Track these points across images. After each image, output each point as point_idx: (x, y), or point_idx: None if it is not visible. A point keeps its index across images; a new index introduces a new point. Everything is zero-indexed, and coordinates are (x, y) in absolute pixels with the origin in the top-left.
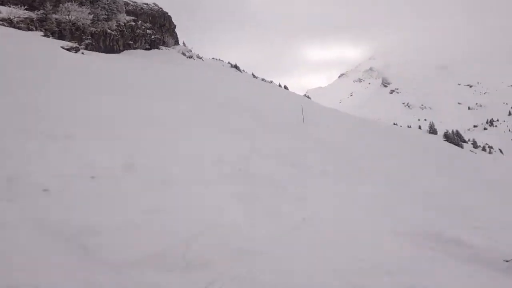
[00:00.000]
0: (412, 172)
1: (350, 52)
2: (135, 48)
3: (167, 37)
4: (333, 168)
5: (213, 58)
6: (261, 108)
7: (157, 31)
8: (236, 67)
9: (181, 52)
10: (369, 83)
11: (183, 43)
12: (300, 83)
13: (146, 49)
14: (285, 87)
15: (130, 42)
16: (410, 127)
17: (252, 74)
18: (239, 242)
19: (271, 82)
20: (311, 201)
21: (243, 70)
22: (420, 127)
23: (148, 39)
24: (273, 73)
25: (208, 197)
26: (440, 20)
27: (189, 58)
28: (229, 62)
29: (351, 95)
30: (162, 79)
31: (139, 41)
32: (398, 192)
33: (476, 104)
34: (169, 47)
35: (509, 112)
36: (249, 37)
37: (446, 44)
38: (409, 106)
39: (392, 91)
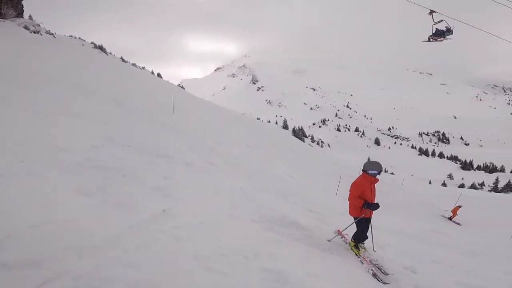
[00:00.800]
0: (269, 162)
1: (228, 47)
2: None
3: (7, 8)
4: (199, 159)
5: (71, 36)
6: (127, 96)
7: None
8: (101, 48)
9: (24, 25)
10: (241, 79)
11: (30, 16)
12: (177, 72)
13: None
14: (159, 75)
15: None
16: (270, 122)
17: (121, 58)
18: (83, 238)
19: (143, 68)
20: (173, 193)
21: (110, 53)
22: (276, 123)
23: None
24: (150, 60)
25: (42, 192)
26: (304, 30)
27: (35, 33)
28: (92, 42)
29: (224, 89)
30: None
31: None
32: (256, 182)
33: (316, 105)
34: (7, 19)
35: (336, 114)
36: (126, 20)
37: (304, 51)
38: (270, 103)
39: (259, 88)
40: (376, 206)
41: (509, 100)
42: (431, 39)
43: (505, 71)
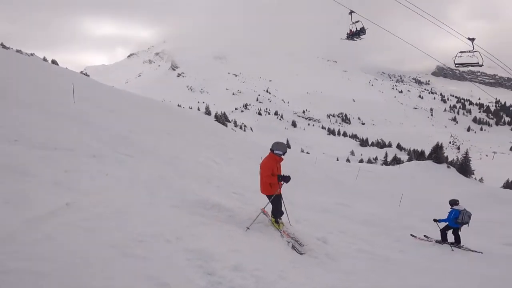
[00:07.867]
0: (191, 149)
1: (144, 33)
2: None
3: None
4: (109, 150)
5: None
6: (10, 85)
7: None
8: None
9: None
10: (159, 65)
11: None
12: (79, 59)
13: None
14: (54, 62)
15: None
16: (191, 108)
17: (1, 44)
18: None
19: (32, 55)
20: (78, 186)
21: None
22: (199, 109)
23: None
24: (40, 47)
25: None
26: (223, 15)
27: None
28: None
29: (139, 76)
30: None
31: None
32: (178, 169)
33: (238, 90)
34: None
35: (257, 98)
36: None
37: (225, 37)
38: (191, 90)
39: (179, 75)
40: (288, 178)
41: (393, 85)
42: (349, 38)
43: (390, 60)
